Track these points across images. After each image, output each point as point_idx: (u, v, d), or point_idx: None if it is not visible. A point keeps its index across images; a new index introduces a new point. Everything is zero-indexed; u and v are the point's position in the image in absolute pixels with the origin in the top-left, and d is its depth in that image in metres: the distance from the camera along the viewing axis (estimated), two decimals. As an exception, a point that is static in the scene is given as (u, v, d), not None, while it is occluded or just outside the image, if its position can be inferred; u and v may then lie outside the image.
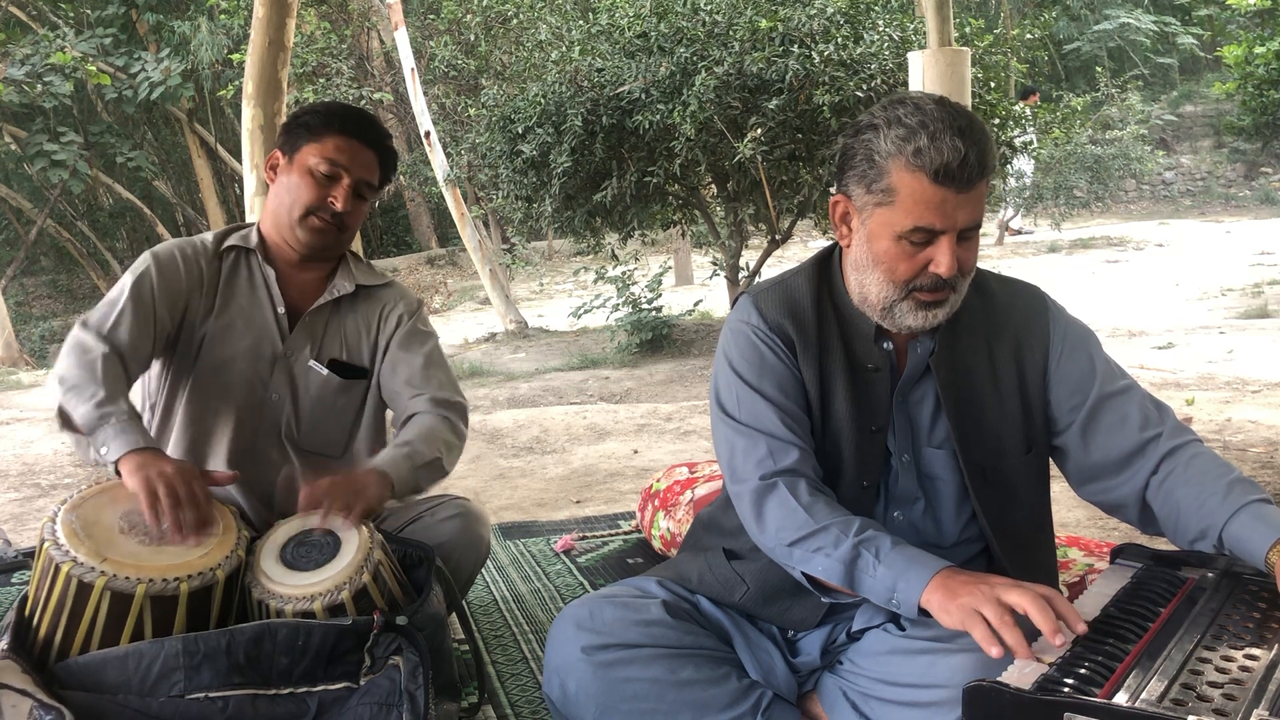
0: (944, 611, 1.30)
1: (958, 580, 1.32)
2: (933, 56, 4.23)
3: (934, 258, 1.43)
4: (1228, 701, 1.08)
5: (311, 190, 1.93)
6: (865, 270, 1.50)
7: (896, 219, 1.43)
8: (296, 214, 1.94)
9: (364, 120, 2.01)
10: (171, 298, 1.92)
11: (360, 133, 1.97)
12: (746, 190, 6.24)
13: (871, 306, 1.52)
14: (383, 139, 2.03)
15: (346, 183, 1.94)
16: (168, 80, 11.75)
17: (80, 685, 1.50)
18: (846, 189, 1.50)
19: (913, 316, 1.48)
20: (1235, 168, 15.46)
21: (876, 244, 1.47)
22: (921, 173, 1.40)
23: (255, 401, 1.99)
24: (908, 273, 1.45)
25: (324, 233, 1.96)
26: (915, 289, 1.46)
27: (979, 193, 1.44)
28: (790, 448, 1.51)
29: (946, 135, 1.38)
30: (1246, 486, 1.42)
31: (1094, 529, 2.88)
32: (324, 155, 1.93)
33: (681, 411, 5.04)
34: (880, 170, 1.43)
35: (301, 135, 1.96)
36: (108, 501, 1.65)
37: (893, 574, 1.36)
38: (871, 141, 1.44)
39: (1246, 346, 5.93)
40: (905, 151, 1.40)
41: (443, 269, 14.13)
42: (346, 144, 1.95)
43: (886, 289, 1.48)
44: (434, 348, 2.09)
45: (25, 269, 15.21)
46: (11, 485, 4.12)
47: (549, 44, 6.76)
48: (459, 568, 1.95)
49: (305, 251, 1.99)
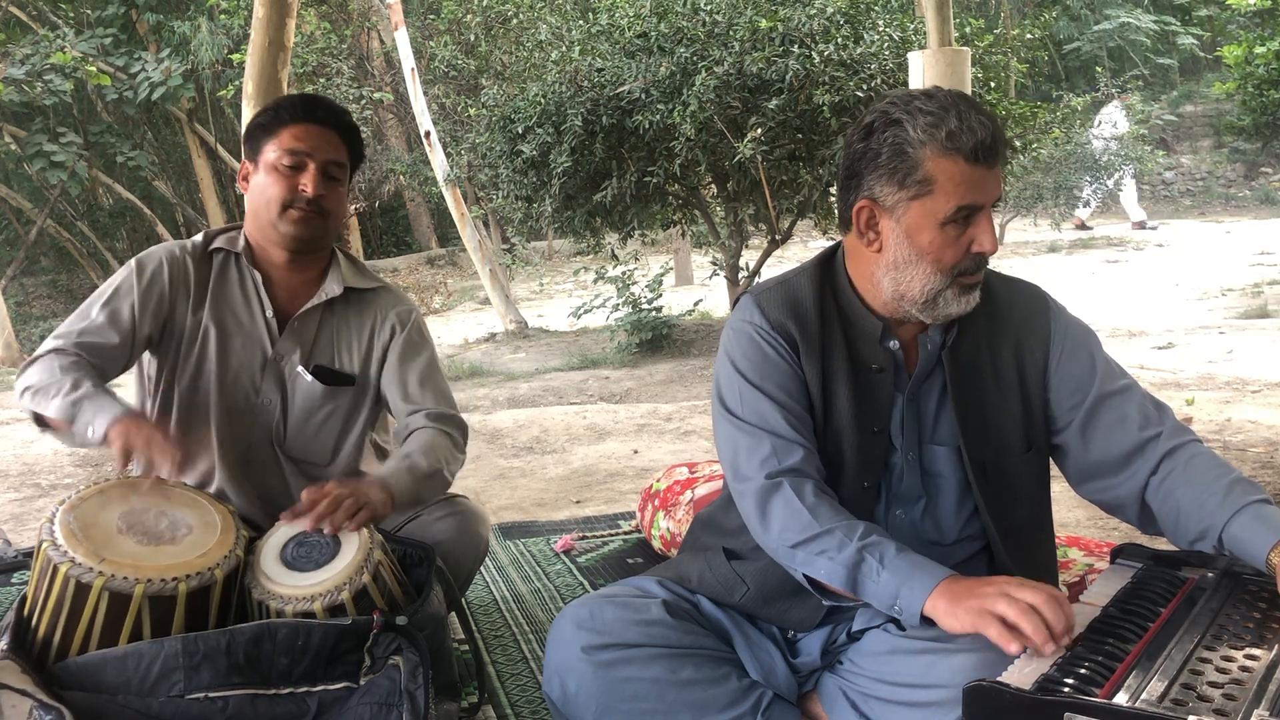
0: (951, 616, 1.30)
1: (962, 586, 1.32)
2: (933, 56, 4.23)
3: (975, 237, 1.45)
4: (1228, 701, 1.08)
5: (281, 184, 1.92)
6: (906, 267, 1.48)
7: (938, 206, 1.44)
8: (275, 211, 1.93)
9: (314, 103, 1.99)
10: (152, 303, 1.94)
11: (313, 116, 1.95)
12: (746, 190, 6.23)
13: (911, 301, 1.50)
14: (337, 116, 2.00)
15: (313, 167, 1.93)
16: (168, 80, 11.75)
17: (80, 685, 1.50)
18: (870, 192, 1.48)
19: (956, 302, 1.49)
20: (1235, 168, 15.46)
21: (919, 237, 1.46)
22: (958, 154, 1.41)
23: (247, 406, 1.98)
24: (954, 258, 1.46)
25: (307, 221, 1.94)
26: (960, 274, 1.47)
27: (1000, 170, 1.47)
28: (795, 447, 1.50)
29: (971, 115, 1.41)
30: (1246, 487, 1.42)
31: (1094, 529, 2.88)
32: (284, 147, 1.92)
33: (681, 411, 5.04)
34: (914, 162, 1.43)
35: (260, 136, 1.96)
36: (106, 502, 1.65)
37: (896, 580, 1.36)
38: (899, 135, 1.44)
39: (1246, 346, 5.92)
40: (938, 137, 1.41)
41: (443, 269, 14.13)
42: (303, 130, 1.93)
43: (933, 279, 1.47)
44: (430, 360, 2.08)
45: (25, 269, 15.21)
46: (11, 485, 4.12)
47: (549, 44, 6.76)
48: (458, 566, 1.95)
49: (294, 246, 1.97)
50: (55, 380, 1.76)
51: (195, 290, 1.98)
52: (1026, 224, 12.77)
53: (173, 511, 1.68)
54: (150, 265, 1.97)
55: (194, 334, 1.97)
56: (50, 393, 1.74)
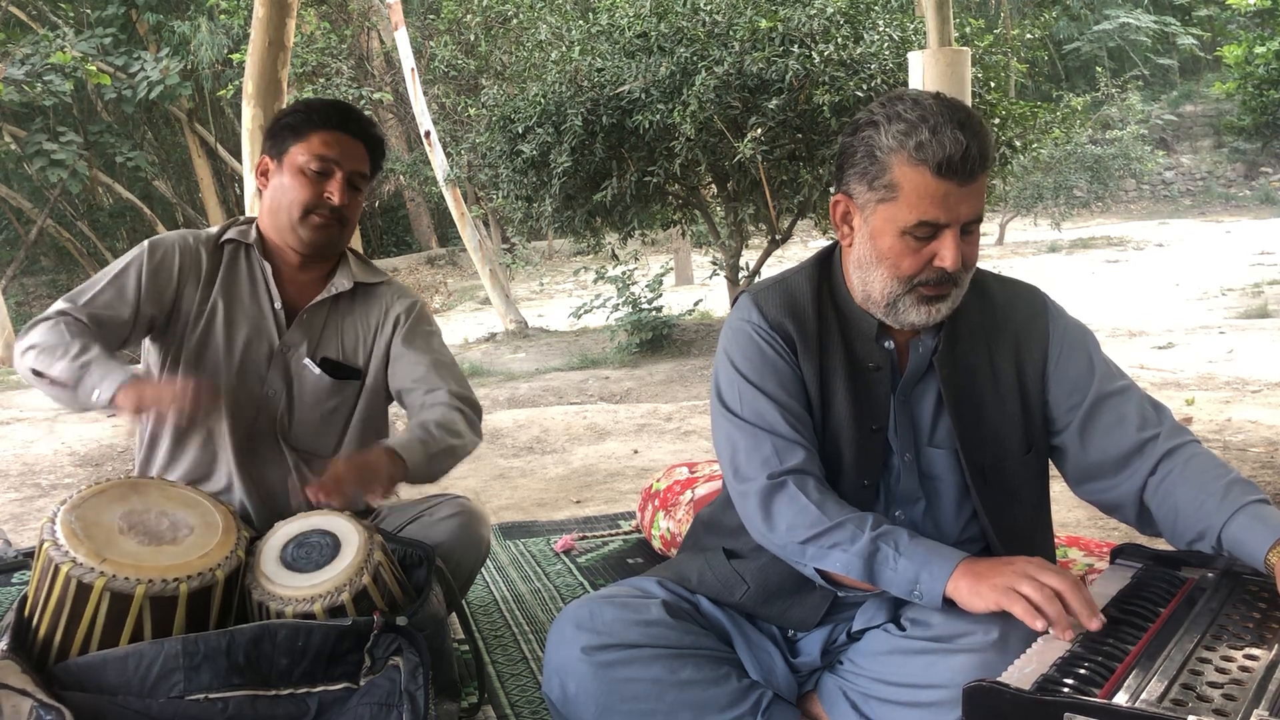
0: (975, 595, 1.31)
1: (984, 565, 1.33)
2: (933, 56, 4.23)
3: (938, 252, 1.44)
4: (1228, 702, 1.08)
5: (306, 189, 1.94)
6: (869, 267, 1.50)
7: (900, 214, 1.43)
8: (296, 214, 1.95)
9: (346, 113, 2.01)
10: (160, 285, 1.95)
11: (344, 125, 1.98)
12: (746, 190, 6.24)
13: (875, 303, 1.52)
14: (367, 128, 2.03)
15: (340, 176, 1.95)
16: (166, 79, 11.75)
17: (80, 686, 1.50)
18: (847, 188, 1.50)
19: (916, 312, 1.48)
20: (1235, 168, 15.47)
21: (880, 240, 1.47)
22: (924, 167, 1.40)
23: (253, 396, 1.99)
24: (912, 268, 1.46)
25: (326, 228, 1.97)
26: (919, 284, 1.47)
27: (980, 186, 1.44)
28: (796, 446, 1.51)
29: (947, 128, 1.39)
30: (1245, 487, 1.42)
31: (1094, 529, 2.88)
32: (313, 153, 1.94)
33: (681, 411, 5.04)
34: (882, 166, 1.43)
35: (287, 136, 1.97)
36: (107, 502, 1.65)
37: (915, 565, 1.36)
38: (872, 138, 1.44)
39: (1246, 346, 5.93)
40: (907, 146, 1.40)
41: (443, 269, 14.13)
42: (333, 138, 1.95)
43: (890, 284, 1.48)
44: (441, 345, 2.10)
45: (25, 269, 15.21)
46: (11, 485, 4.12)
47: (549, 44, 6.76)
48: (459, 567, 1.95)
49: (309, 250, 2.00)
50: (63, 342, 1.76)
51: (205, 278, 2.00)
52: (1026, 224, 12.77)
53: (174, 512, 1.68)
54: (162, 248, 1.98)
55: (201, 321, 1.98)
56: (57, 353, 1.74)
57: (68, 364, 1.73)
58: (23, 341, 1.82)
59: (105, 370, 1.72)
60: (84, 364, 1.73)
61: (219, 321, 1.98)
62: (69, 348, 1.75)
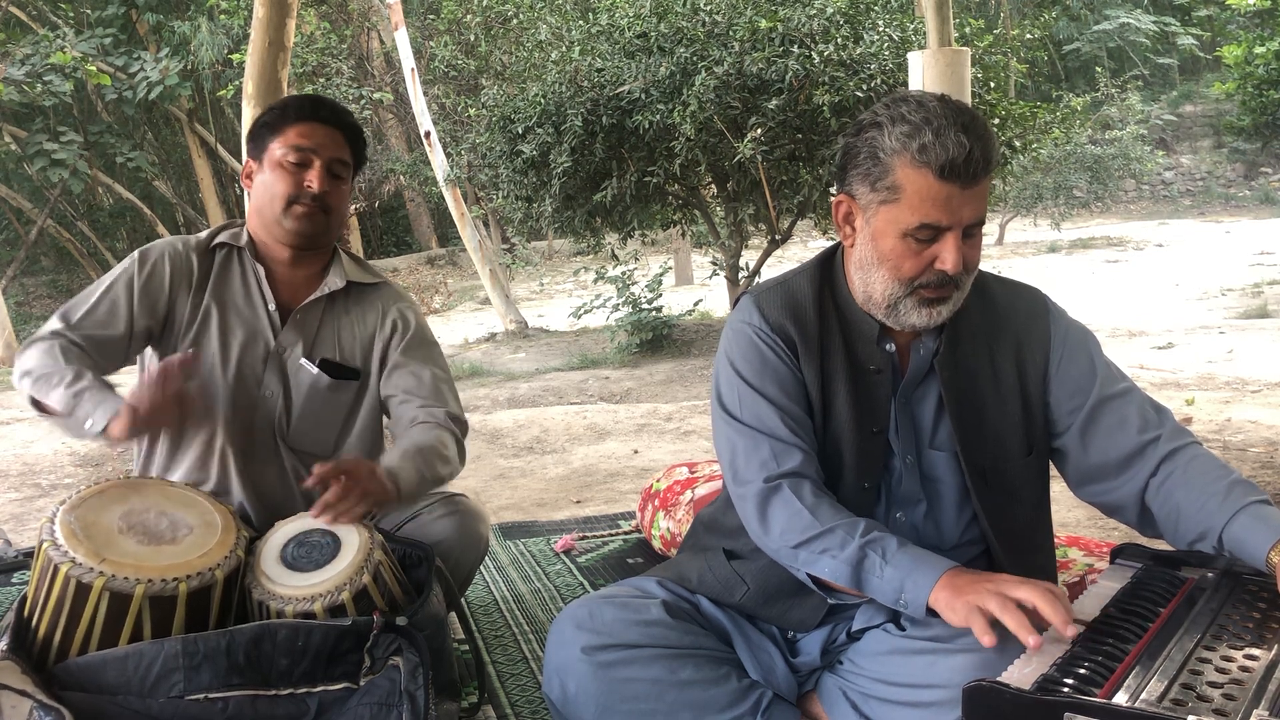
0: (950, 609, 1.30)
1: (964, 578, 1.32)
2: (933, 56, 4.23)
3: (939, 254, 1.44)
4: (1227, 701, 1.08)
5: (286, 180, 1.95)
6: (870, 268, 1.50)
7: (902, 216, 1.43)
8: (279, 207, 1.96)
9: (319, 103, 2.03)
10: (152, 296, 1.96)
11: (317, 114, 1.99)
12: (746, 190, 6.24)
13: (876, 304, 1.52)
14: (342, 116, 2.04)
15: (319, 164, 1.96)
16: (166, 80, 11.76)
17: (80, 686, 1.50)
18: (849, 188, 1.50)
19: (916, 314, 1.48)
20: (1235, 168, 15.47)
21: (882, 242, 1.47)
22: (927, 169, 1.40)
23: (250, 398, 1.99)
24: (913, 270, 1.45)
25: (311, 217, 1.97)
26: (920, 286, 1.46)
27: (983, 189, 1.44)
28: (793, 450, 1.51)
29: (951, 131, 1.39)
30: (1246, 488, 1.42)
31: (1094, 529, 2.88)
32: (289, 144, 1.95)
33: (681, 411, 5.04)
34: (885, 168, 1.43)
35: (265, 135, 1.99)
36: (107, 502, 1.65)
37: (900, 574, 1.36)
38: (875, 139, 1.44)
39: (1246, 346, 5.93)
40: (910, 148, 1.40)
41: (443, 269, 14.13)
42: (308, 128, 1.97)
43: (891, 286, 1.48)
44: (442, 362, 2.11)
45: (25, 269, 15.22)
46: (11, 485, 4.12)
47: (549, 44, 6.76)
48: (457, 565, 1.95)
49: (297, 242, 1.99)
50: (58, 369, 1.76)
51: (196, 284, 2.00)
52: (1026, 224, 12.78)
53: (173, 511, 1.68)
54: (152, 257, 1.99)
55: (195, 326, 1.98)
56: (52, 381, 1.75)
57: (62, 392, 1.72)
58: (19, 364, 1.82)
59: (98, 399, 1.71)
60: (77, 392, 1.72)
61: (213, 326, 1.98)
62: (63, 375, 1.75)
